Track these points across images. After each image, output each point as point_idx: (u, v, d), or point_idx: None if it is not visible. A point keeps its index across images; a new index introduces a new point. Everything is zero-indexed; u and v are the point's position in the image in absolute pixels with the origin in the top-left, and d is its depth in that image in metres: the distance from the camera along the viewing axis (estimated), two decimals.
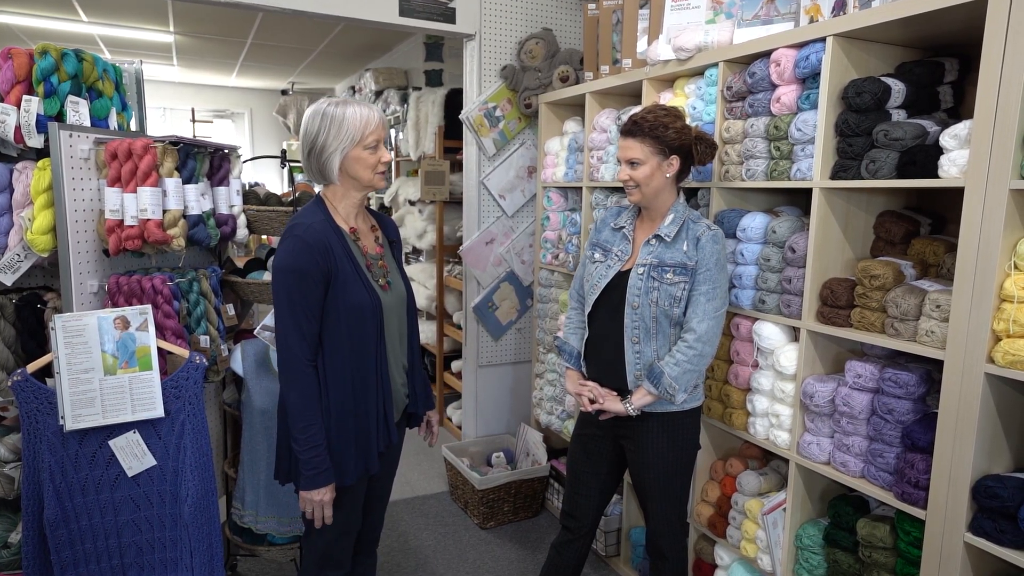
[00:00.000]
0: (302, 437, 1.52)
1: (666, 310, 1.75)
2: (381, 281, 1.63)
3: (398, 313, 1.67)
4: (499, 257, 3.37)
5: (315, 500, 1.55)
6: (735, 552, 2.09)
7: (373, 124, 1.55)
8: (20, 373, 1.62)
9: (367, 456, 1.62)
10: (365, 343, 1.57)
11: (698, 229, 1.77)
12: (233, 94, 7.92)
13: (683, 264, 1.74)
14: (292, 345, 1.52)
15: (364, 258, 1.62)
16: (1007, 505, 1.37)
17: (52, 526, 1.63)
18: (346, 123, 1.53)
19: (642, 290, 1.76)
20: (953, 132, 1.46)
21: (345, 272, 1.54)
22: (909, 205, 1.90)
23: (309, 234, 1.52)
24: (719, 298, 1.75)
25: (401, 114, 4.71)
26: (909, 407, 1.59)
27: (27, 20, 4.94)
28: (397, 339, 1.68)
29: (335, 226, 1.59)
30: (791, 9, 1.91)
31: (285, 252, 1.52)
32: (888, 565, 1.65)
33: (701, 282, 1.74)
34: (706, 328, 1.72)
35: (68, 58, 1.79)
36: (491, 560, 2.70)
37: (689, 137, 1.78)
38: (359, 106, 1.55)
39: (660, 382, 1.73)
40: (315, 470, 1.53)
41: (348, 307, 1.54)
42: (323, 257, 1.51)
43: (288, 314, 1.51)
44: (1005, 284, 1.36)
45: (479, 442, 3.36)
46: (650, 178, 1.76)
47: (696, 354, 1.73)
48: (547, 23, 3.30)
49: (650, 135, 1.74)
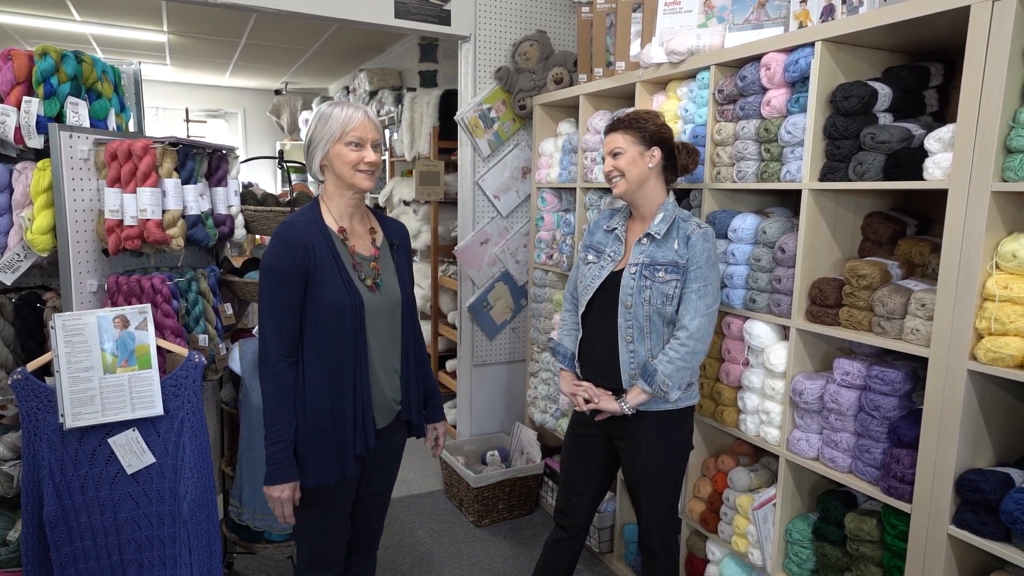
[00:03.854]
0: (269, 431, 1.56)
1: (659, 308, 1.78)
2: (369, 282, 1.62)
3: (388, 315, 1.66)
4: (494, 257, 3.40)
5: (275, 496, 1.57)
6: (726, 547, 2.13)
7: (355, 122, 1.55)
8: (20, 372, 1.63)
9: (343, 458, 1.60)
10: (343, 343, 1.57)
11: (688, 227, 1.79)
12: (226, 94, 7.91)
13: (674, 262, 1.77)
14: (268, 341, 1.55)
15: (351, 258, 1.62)
16: (989, 498, 1.41)
17: (51, 523, 1.64)
18: (331, 120, 1.56)
19: (635, 289, 1.79)
20: (938, 135, 1.50)
21: (325, 271, 1.56)
22: (896, 206, 1.94)
23: (289, 233, 1.55)
24: (710, 295, 1.77)
25: (396, 115, 4.73)
26: (895, 404, 1.63)
27: (20, 19, 4.92)
28: (386, 342, 1.66)
29: (323, 226, 1.60)
30: (781, 14, 1.95)
31: (268, 251, 1.56)
32: (875, 558, 1.69)
33: (692, 280, 1.76)
34: (698, 325, 1.75)
35: (68, 59, 1.81)
36: (486, 557, 2.73)
37: (669, 133, 1.84)
38: (349, 106, 1.57)
39: (654, 380, 1.75)
40: (276, 465, 1.55)
41: (325, 305, 1.55)
42: (302, 256, 1.53)
43: (268, 311, 1.55)
44: (987, 283, 1.40)
45: (474, 441, 3.38)
46: (632, 165, 1.80)
47: (689, 351, 1.75)
48: (541, 25, 3.33)
49: (630, 127, 1.82)
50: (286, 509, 1.59)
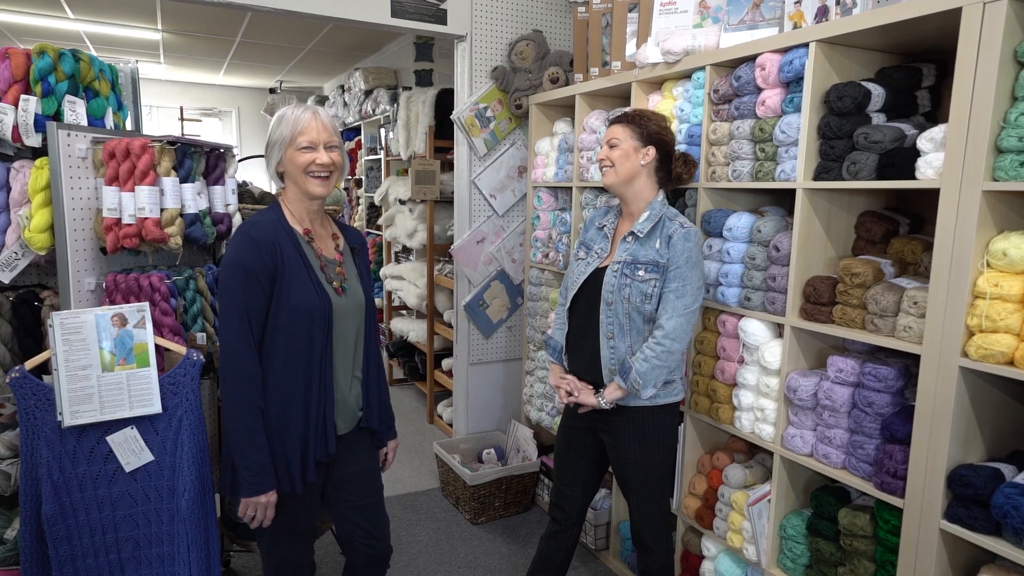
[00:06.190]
0: (242, 437, 1.50)
1: (638, 307, 1.79)
2: (336, 284, 1.60)
3: (354, 319, 1.64)
4: (490, 256, 3.41)
5: (262, 503, 1.53)
6: (722, 543, 2.15)
7: (303, 123, 1.52)
8: (18, 370, 1.63)
9: (305, 464, 1.58)
10: (311, 344, 1.54)
11: (672, 227, 1.80)
12: (221, 92, 7.89)
13: (655, 262, 1.78)
14: (233, 342, 1.49)
15: (318, 260, 1.59)
16: (980, 493, 1.42)
17: (50, 521, 1.64)
18: (283, 125, 1.54)
19: (615, 287, 1.81)
20: (930, 135, 1.52)
21: (293, 271, 1.52)
22: (889, 205, 1.96)
23: (256, 231, 1.51)
24: (689, 295, 1.77)
25: (391, 113, 4.73)
26: (888, 400, 1.65)
27: (12, 16, 4.90)
28: (351, 346, 1.64)
29: (288, 227, 1.57)
30: (776, 15, 1.96)
31: (232, 248, 1.51)
32: (868, 553, 1.71)
33: (671, 279, 1.77)
34: (674, 325, 1.76)
35: (65, 58, 1.81)
36: (482, 555, 2.74)
37: (670, 137, 1.86)
38: (299, 108, 1.55)
39: (628, 377, 1.78)
40: (259, 471, 1.51)
41: (293, 306, 1.51)
42: (270, 254, 1.50)
43: (232, 311, 1.49)
44: (978, 281, 1.42)
45: (470, 439, 3.39)
46: (624, 159, 1.82)
47: (664, 350, 1.76)
48: (537, 25, 3.34)
49: (632, 122, 1.85)
50: (270, 512, 1.56)
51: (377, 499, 1.80)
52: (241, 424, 1.51)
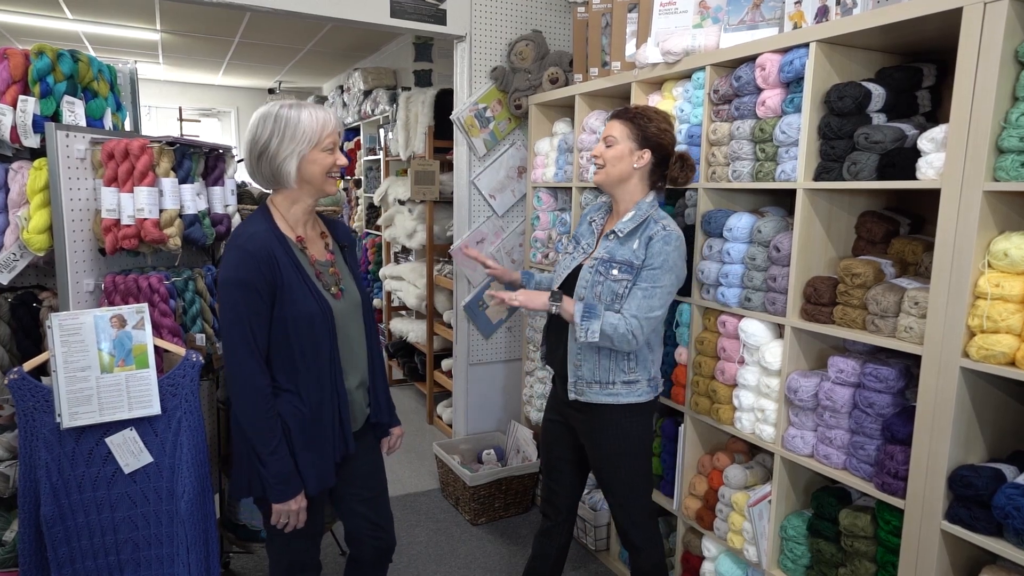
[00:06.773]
0: (264, 448, 1.51)
1: (608, 305, 1.77)
2: (333, 289, 1.60)
3: (355, 319, 1.65)
4: (489, 256, 3.40)
5: (292, 509, 1.56)
6: (722, 544, 2.14)
7: (331, 126, 1.53)
8: (16, 371, 1.62)
9: (324, 467, 1.60)
10: (318, 353, 1.55)
11: (654, 229, 1.76)
12: (220, 93, 7.88)
13: (629, 262, 1.76)
14: (242, 361, 1.48)
15: (313, 267, 1.59)
16: (981, 494, 1.42)
17: (48, 523, 1.64)
18: (302, 126, 1.50)
19: (589, 283, 1.80)
20: (930, 136, 1.52)
21: (291, 282, 1.51)
22: (889, 206, 1.96)
23: (251, 243, 1.48)
24: (657, 298, 1.72)
25: (390, 114, 4.72)
26: (889, 401, 1.65)
27: (10, 17, 4.89)
28: (356, 346, 1.66)
29: (279, 235, 1.55)
30: (776, 15, 1.96)
31: (228, 264, 1.48)
32: (869, 553, 1.71)
33: (642, 279, 1.74)
34: (635, 325, 1.70)
35: (64, 58, 1.80)
36: (482, 555, 2.74)
37: (669, 140, 1.82)
38: (314, 109, 1.54)
39: (587, 312, 1.72)
40: (284, 478, 1.53)
41: (296, 317, 1.51)
42: (268, 267, 1.48)
43: (236, 328, 1.48)
44: (979, 282, 1.42)
45: (470, 439, 3.39)
46: (617, 160, 1.80)
47: (624, 331, 1.69)
48: (537, 25, 3.34)
49: (632, 121, 1.80)
50: (302, 516, 1.58)
51: (382, 492, 1.83)
52: (261, 438, 1.51)
